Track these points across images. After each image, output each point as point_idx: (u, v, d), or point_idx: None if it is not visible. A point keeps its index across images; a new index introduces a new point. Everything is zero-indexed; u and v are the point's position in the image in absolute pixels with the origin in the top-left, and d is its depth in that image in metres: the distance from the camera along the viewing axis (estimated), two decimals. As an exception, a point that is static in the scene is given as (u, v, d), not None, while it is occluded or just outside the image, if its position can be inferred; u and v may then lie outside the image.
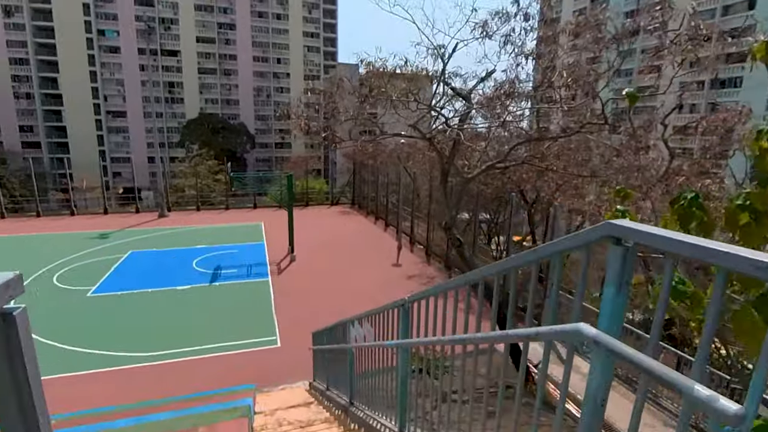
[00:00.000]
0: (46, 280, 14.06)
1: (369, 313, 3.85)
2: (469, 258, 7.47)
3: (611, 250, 1.14)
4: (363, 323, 3.93)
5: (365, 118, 8.10)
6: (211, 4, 67.00)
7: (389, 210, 23.65)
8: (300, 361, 8.97)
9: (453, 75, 7.23)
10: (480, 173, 7.59)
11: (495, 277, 1.98)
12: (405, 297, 3.08)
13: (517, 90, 6.96)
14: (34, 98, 63.26)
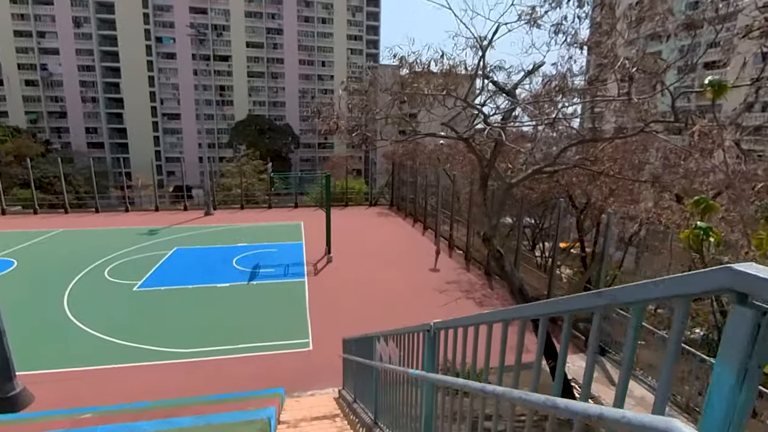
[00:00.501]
0: (99, 273, 14.83)
1: (393, 332, 3.49)
2: (510, 272, 6.90)
3: (734, 313, 0.73)
4: (388, 341, 3.58)
5: (398, 116, 7.73)
6: (260, 10, 69.33)
7: (428, 213, 23.14)
8: (331, 366, 8.78)
9: (496, 68, 6.69)
10: (525, 178, 6.99)
11: (543, 318, 1.56)
12: (431, 323, 2.69)
13: (568, 85, 6.32)
14: (98, 102, 68.31)
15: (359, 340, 5.17)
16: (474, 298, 13.69)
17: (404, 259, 17.40)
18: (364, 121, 8.24)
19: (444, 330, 2.53)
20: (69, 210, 26.54)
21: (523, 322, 1.70)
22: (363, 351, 5.05)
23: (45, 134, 65.01)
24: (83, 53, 66.52)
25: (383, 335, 3.81)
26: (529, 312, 1.63)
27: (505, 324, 1.82)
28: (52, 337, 10.36)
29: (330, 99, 66.25)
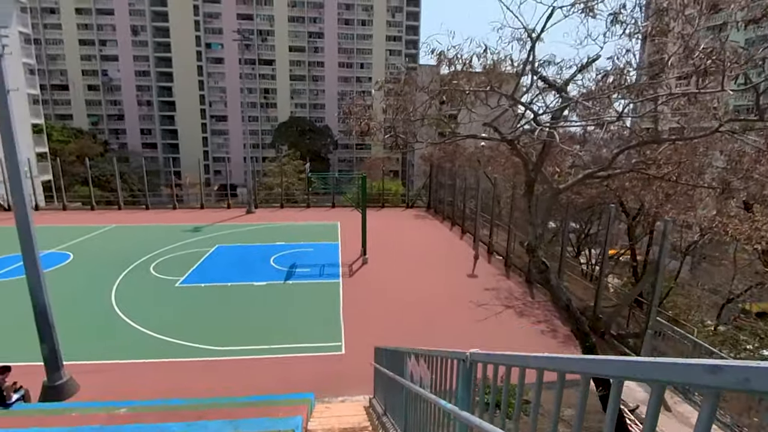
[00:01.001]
0: (145, 268, 15.47)
1: (425, 352, 3.16)
2: (556, 286, 6.35)
3: None
4: (419, 360, 3.27)
5: (437, 117, 7.36)
6: (303, 15, 70.84)
7: (466, 216, 22.51)
8: (362, 372, 8.55)
9: (545, 63, 6.13)
10: (575, 183, 6.40)
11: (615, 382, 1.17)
12: (467, 352, 2.34)
13: (626, 81, 5.69)
14: (152, 105, 72.31)
15: (391, 352, 4.89)
16: (514, 308, 13.05)
17: (441, 264, 16.95)
18: (399, 123, 7.93)
19: (482, 363, 2.17)
20: (122, 207, 28.11)
21: (586, 380, 1.31)
22: (394, 364, 4.77)
23: (104, 135, 69.66)
24: (140, 59, 70.72)
25: (414, 353, 3.50)
26: (596, 369, 1.21)
27: (561, 375, 1.44)
28: (99, 329, 10.83)
29: (363, 100, 66.62)
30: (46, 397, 7.60)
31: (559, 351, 10.29)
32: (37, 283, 7.48)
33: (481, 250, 18.31)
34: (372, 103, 8.77)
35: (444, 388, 2.68)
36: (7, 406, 6.87)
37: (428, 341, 10.41)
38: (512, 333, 11.16)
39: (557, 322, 12.19)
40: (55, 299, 12.51)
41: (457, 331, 11.04)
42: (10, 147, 7.03)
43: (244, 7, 68.94)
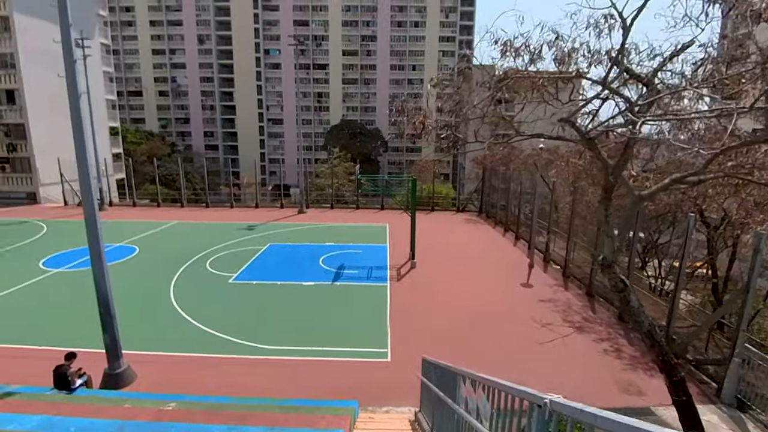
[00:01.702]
0: (202, 263, 16.13)
1: (486, 381, 2.73)
2: (637, 308, 5.55)
3: None
4: (477, 387, 2.85)
5: (496, 116, 6.81)
6: (356, 18, 71.90)
7: (521, 222, 21.43)
8: (408, 382, 8.18)
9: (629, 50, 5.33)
10: (659, 190, 5.59)
11: None
12: (546, 397, 1.86)
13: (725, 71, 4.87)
14: (215, 109, 76.66)
15: (441, 368, 4.48)
16: (572, 322, 12.06)
17: (493, 271, 16.17)
18: (454, 122, 7.48)
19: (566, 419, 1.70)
20: (185, 204, 29.82)
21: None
22: (444, 383, 4.35)
23: (172, 137, 74.85)
24: (204, 66, 75.32)
25: (471, 378, 3.08)
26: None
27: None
28: (158, 321, 11.33)
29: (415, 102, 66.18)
30: (106, 385, 7.97)
31: (626, 376, 9.29)
32: (101, 275, 7.86)
33: (536, 259, 17.28)
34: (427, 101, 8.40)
35: (508, 428, 2.26)
36: (71, 391, 7.24)
37: (478, 355, 9.82)
38: (570, 351, 10.26)
39: (622, 341, 11.10)
40: (120, 290, 13.28)
41: (509, 346, 10.34)
42: (80, 147, 7.44)
43: (301, 14, 71.25)
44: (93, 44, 35.01)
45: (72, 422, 4.72)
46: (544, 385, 7.39)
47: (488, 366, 9.84)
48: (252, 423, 5.07)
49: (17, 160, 32.05)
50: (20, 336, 10.22)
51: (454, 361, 4.91)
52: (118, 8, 73.64)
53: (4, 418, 4.77)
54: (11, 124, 31.43)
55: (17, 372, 8.49)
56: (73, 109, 7.29)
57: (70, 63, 7.09)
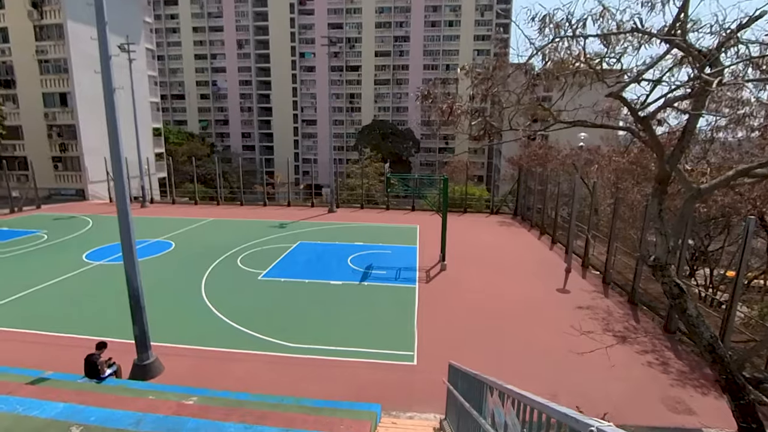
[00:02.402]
0: (233, 260, 16.38)
1: (516, 393, 2.36)
2: (696, 317, 4.91)
3: None
4: (506, 401, 2.51)
5: (533, 104, 6.31)
6: (390, 20, 71.96)
7: (558, 225, 20.50)
8: (434, 387, 7.84)
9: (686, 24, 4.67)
10: (721, 184, 4.93)
11: None
12: (593, 424, 1.48)
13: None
14: (252, 111, 78.83)
15: (467, 376, 4.13)
16: (613, 331, 11.28)
17: (527, 275, 15.48)
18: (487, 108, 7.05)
19: None
20: (221, 202, 30.66)
21: None
22: (471, 393, 4.00)
23: (212, 138, 77.60)
24: (243, 70, 77.67)
25: (498, 389, 2.73)
26: None
27: None
28: (188, 314, 11.51)
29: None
30: (134, 375, 8.10)
31: (674, 392, 8.51)
32: (132, 268, 8.00)
33: (574, 263, 16.44)
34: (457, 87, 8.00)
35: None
36: (101, 380, 7.39)
37: (510, 362, 9.32)
38: (610, 362, 9.55)
39: (669, 354, 10.24)
40: (154, 283, 13.75)
41: (543, 354, 9.75)
42: (114, 145, 7.62)
43: (335, 17, 72.11)
44: (139, 49, 36.73)
45: (93, 412, 4.73)
46: (580, 399, 6.83)
47: (520, 375, 9.33)
48: (268, 423, 4.91)
49: (68, 159, 34.06)
50: (60, 324, 10.65)
51: (484, 368, 4.55)
52: (164, 16, 77.24)
53: (30, 404, 4.84)
54: (63, 125, 33.45)
55: (54, 359, 8.80)
56: (108, 104, 7.46)
57: (105, 58, 7.26)
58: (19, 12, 31.76)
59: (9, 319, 11.03)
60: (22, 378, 7.03)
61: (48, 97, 33.07)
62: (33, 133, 33.85)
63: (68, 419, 4.49)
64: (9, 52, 32.68)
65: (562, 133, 25.98)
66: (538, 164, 25.93)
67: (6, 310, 11.67)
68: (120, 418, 4.59)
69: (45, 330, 10.40)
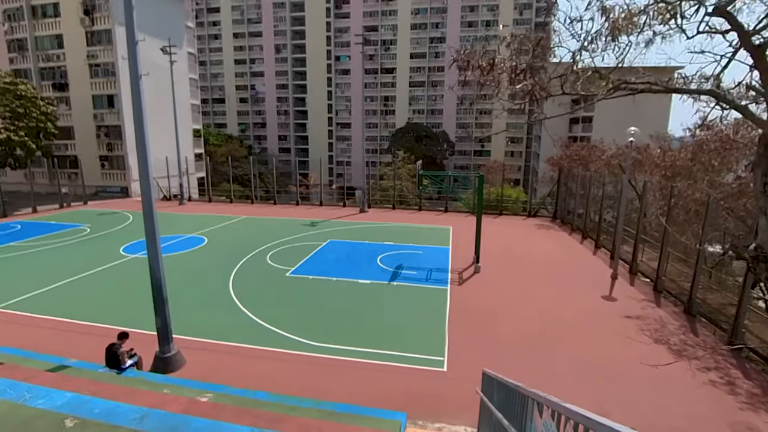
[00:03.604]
0: (263, 256, 16.29)
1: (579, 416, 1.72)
2: None
3: None
4: (564, 425, 1.88)
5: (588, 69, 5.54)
6: (425, 21, 71.38)
7: (602, 229, 19.15)
8: (466, 397, 7.17)
9: None
10: None
11: None
12: None
13: None
14: (289, 114, 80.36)
15: (505, 387, 3.49)
16: (668, 345, 10.14)
17: (569, 280, 14.43)
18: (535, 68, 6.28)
19: None
20: (255, 201, 31.09)
21: None
22: (509, 406, 3.37)
23: (249, 140, 79.68)
24: (280, 74, 79.39)
25: (554, 407, 2.10)
26: None
27: None
28: (214, 309, 11.38)
29: (491, 105, 63.67)
30: (155, 368, 7.93)
31: (744, 417, 7.41)
32: (155, 259, 7.86)
33: (620, 269, 15.18)
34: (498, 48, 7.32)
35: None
36: (121, 371, 7.24)
37: (549, 374, 8.47)
38: (666, 379, 8.50)
39: (735, 373, 9.04)
40: (184, 277, 13.81)
41: (587, 366, 8.84)
42: (141, 141, 7.57)
43: (370, 20, 72.32)
44: (180, 53, 38.13)
45: (99, 404, 4.46)
46: (633, 420, 5.85)
47: (561, 389, 8.42)
48: (281, 427, 4.47)
49: (114, 158, 35.71)
50: (92, 314, 10.78)
51: (521, 379, 3.91)
52: (207, 23, 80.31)
53: (39, 392, 4.64)
54: (110, 126, 35.11)
55: (81, 347, 8.79)
56: (134, 91, 7.36)
57: (132, 43, 7.15)
58: (72, 19, 33.69)
59: (46, 306, 11.30)
60: (45, 365, 6.98)
61: (97, 99, 34.84)
62: (83, 132, 35.76)
63: (70, 411, 4.22)
64: (63, 58, 34.74)
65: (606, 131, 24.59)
66: (580, 164, 24.51)
67: (44, 298, 11.99)
68: (124, 413, 4.29)
69: (77, 319, 10.54)
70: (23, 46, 35.49)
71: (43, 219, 23.93)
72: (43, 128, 29.05)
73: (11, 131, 26.58)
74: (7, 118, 27.04)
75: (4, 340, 9.07)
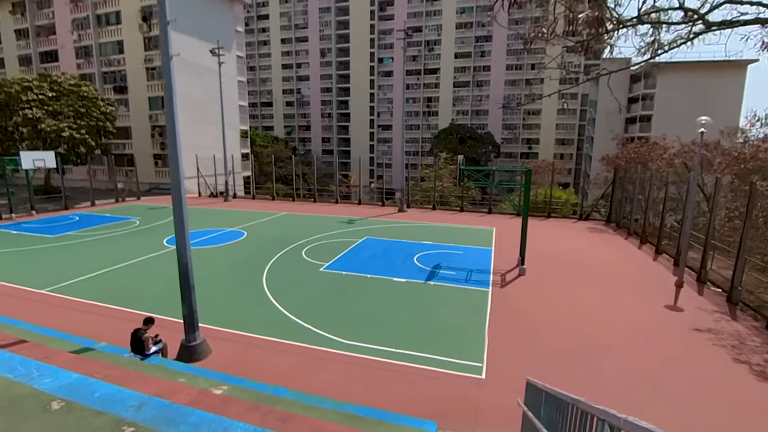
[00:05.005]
0: (298, 251, 16.12)
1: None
2: None
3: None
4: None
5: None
6: (471, 20, 69.86)
7: (664, 233, 17.35)
8: (507, 409, 6.36)
9: None
10: None
11: None
12: None
13: None
14: (332, 117, 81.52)
15: (558, 401, 2.76)
16: (748, 363, 8.70)
17: (625, 288, 13.04)
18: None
19: None
20: (296, 199, 31.41)
21: None
22: (561, 422, 2.63)
23: (294, 142, 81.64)
24: (324, 78, 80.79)
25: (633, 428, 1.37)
26: None
27: None
28: (245, 301, 11.21)
29: (540, 106, 60.97)
30: (181, 356, 7.74)
31: None
32: (182, 244, 7.70)
33: (686, 277, 13.54)
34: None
35: None
36: (145, 357, 7.08)
37: (603, 390, 7.40)
38: (748, 402, 7.19)
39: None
40: (220, 268, 13.84)
41: (649, 382, 7.68)
42: (172, 136, 7.45)
43: (414, 20, 71.82)
44: (230, 56, 39.49)
45: (102, 387, 4.17)
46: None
47: (621, 408, 7.31)
48: (290, 428, 3.95)
49: (166, 157, 37.47)
50: (130, 300, 10.93)
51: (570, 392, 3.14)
52: (257, 30, 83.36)
53: (47, 371, 4.43)
54: (164, 126, 36.90)
55: (115, 332, 8.80)
56: (166, 71, 7.22)
57: (164, 24, 7.02)
58: (132, 26, 35.85)
59: (90, 292, 11.62)
60: (73, 346, 6.96)
61: (152, 100, 36.77)
62: (139, 132, 37.88)
63: (68, 392, 3.93)
64: (123, 62, 37.01)
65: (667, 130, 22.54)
66: (639, 163, 22.54)
67: (89, 283, 12.38)
68: (124, 399, 3.94)
69: (114, 304, 10.71)
70: (89, 52, 38.20)
71: (99, 212, 25.35)
72: (102, 127, 30.96)
73: (74, 129, 28.50)
74: (70, 117, 29.04)
75: (44, 321, 9.32)
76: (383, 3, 74.03)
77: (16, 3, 41.10)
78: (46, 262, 14.69)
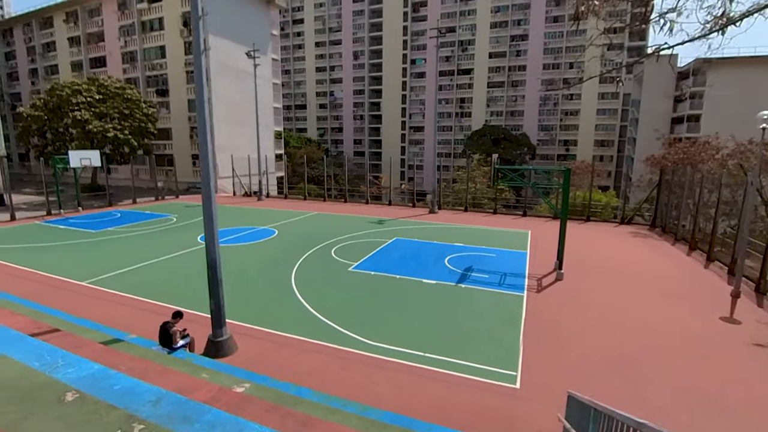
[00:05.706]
0: (328, 250, 16.05)
1: None
2: None
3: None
4: None
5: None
6: (506, 19, 68.33)
7: (716, 240, 16.06)
8: (545, 422, 5.89)
9: None
10: None
11: None
12: None
13: None
14: (364, 119, 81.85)
15: (611, 418, 2.35)
16: (822, 385, 7.74)
17: (673, 297, 12.09)
18: None
19: None
20: (327, 199, 31.59)
21: None
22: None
23: (327, 144, 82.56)
24: (357, 80, 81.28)
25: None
26: None
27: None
28: (273, 298, 11.18)
29: (579, 107, 58.64)
30: (207, 351, 7.72)
31: None
32: (211, 239, 7.67)
33: (743, 287, 12.41)
34: None
35: None
36: (172, 350, 7.08)
37: (651, 407, 6.75)
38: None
39: None
40: (250, 265, 13.94)
41: (706, 400, 6.95)
42: (203, 136, 7.45)
43: (448, 21, 71.04)
44: (265, 59, 40.33)
45: (122, 380, 4.10)
46: None
47: (669, 427, 6.62)
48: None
49: (204, 157, 38.66)
50: (162, 294, 11.16)
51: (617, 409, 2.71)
52: (292, 34, 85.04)
53: (72, 360, 4.42)
54: (203, 127, 38.10)
55: (146, 325, 8.91)
56: (197, 65, 7.22)
57: (195, 17, 7.02)
58: (174, 31, 37.29)
59: (127, 285, 11.95)
60: (104, 337, 7.05)
61: (192, 102, 38.09)
62: (179, 133, 39.32)
63: (88, 384, 3.86)
64: (165, 66, 38.57)
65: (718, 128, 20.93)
66: (687, 164, 21.08)
67: (126, 277, 12.76)
68: (142, 393, 3.83)
69: (150, 298, 10.94)
70: (134, 58, 40.09)
71: (139, 209, 26.39)
72: (145, 128, 32.30)
73: (118, 130, 29.87)
74: (115, 119, 30.47)
75: (82, 311, 9.59)
76: (416, 4, 73.69)
77: (70, 12, 43.74)
78: (88, 255, 15.32)
